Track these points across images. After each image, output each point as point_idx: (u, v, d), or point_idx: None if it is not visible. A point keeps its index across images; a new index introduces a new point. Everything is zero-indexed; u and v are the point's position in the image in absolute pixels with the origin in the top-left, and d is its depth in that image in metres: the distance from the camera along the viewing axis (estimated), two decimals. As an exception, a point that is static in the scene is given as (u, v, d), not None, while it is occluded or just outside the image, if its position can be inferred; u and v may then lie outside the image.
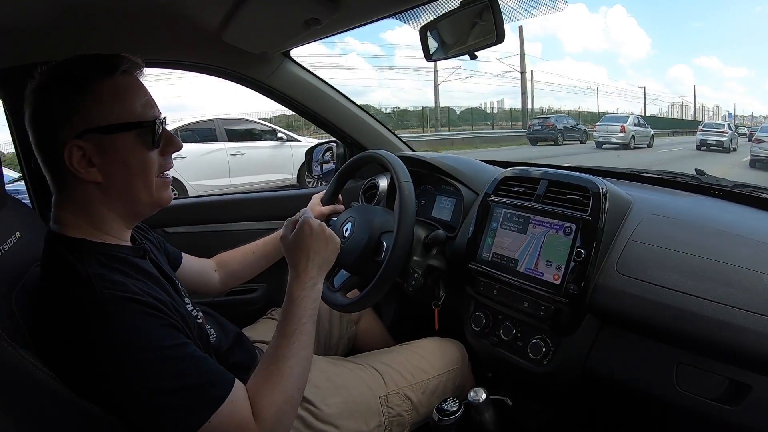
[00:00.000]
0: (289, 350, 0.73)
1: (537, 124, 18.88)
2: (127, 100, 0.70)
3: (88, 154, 0.67)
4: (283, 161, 7.42)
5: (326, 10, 1.00)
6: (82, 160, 0.67)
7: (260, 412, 0.67)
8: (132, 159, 0.70)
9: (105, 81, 0.68)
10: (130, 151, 0.70)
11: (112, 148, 0.68)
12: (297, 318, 0.76)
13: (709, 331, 0.73)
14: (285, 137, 7.61)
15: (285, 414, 0.70)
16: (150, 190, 0.73)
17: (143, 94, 0.72)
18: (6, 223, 0.82)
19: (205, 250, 1.17)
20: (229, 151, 7.02)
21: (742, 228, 0.89)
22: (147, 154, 0.71)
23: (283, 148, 7.49)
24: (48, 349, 0.63)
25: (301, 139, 8.03)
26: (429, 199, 1.34)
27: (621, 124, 15.93)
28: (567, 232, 0.92)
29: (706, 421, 0.77)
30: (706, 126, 17.36)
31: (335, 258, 0.88)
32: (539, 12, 1.45)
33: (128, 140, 0.69)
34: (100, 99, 0.68)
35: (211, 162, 6.75)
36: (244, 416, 0.66)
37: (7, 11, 0.94)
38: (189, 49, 1.32)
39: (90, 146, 0.67)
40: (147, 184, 0.72)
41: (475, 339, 1.07)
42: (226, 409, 0.64)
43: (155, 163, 0.72)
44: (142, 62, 0.73)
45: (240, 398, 0.66)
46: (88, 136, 0.67)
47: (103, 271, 0.64)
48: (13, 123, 1.18)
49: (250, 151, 7.22)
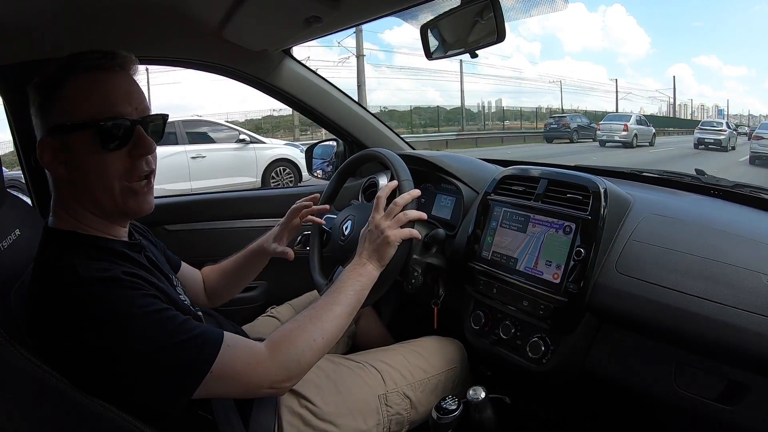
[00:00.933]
0: (324, 303, 0.79)
1: (553, 123, 19.80)
2: (90, 99, 0.67)
3: (56, 151, 0.67)
4: (246, 164, 7.28)
5: (327, 8, 1.00)
6: (53, 158, 0.68)
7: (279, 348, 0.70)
8: (88, 160, 0.67)
9: (75, 78, 0.67)
10: (85, 152, 0.67)
11: (73, 148, 0.67)
12: (342, 282, 0.83)
13: (709, 331, 0.73)
14: (248, 139, 7.46)
15: (303, 355, 0.72)
16: (111, 196, 0.69)
17: (113, 91, 0.68)
18: (5, 221, 0.82)
19: (206, 247, 1.17)
20: (189, 153, 6.83)
21: (742, 228, 0.89)
22: (102, 156, 0.67)
23: (246, 150, 7.33)
24: (42, 341, 0.63)
25: (266, 141, 7.93)
26: (429, 198, 1.34)
27: (624, 123, 16.29)
28: (567, 231, 0.92)
29: (704, 421, 0.77)
30: (704, 124, 17.14)
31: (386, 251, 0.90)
32: (540, 11, 1.45)
33: (85, 140, 0.67)
34: (71, 96, 0.67)
35: (171, 165, 6.54)
36: (248, 355, 0.68)
37: (8, 8, 0.93)
38: (190, 46, 1.32)
39: (57, 144, 0.67)
40: (106, 188, 0.69)
41: (475, 337, 1.07)
42: (225, 356, 0.65)
43: (113, 166, 0.68)
44: (135, 58, 0.72)
45: (236, 341, 0.68)
46: (56, 134, 0.67)
47: (90, 261, 0.65)
48: (13, 120, 1.18)
49: (212, 153, 7.06)
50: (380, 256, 0.88)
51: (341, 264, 1.08)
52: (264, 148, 7.57)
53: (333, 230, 1.17)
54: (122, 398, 0.62)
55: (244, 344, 0.70)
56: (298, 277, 1.10)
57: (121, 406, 0.61)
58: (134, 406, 0.62)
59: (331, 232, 1.18)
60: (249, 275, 1.12)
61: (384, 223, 0.89)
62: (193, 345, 0.64)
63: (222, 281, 1.10)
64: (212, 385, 0.64)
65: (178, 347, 0.62)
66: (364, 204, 1.24)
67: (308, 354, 0.73)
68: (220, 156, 7.17)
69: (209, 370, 0.63)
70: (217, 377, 0.64)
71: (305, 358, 0.73)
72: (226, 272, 1.11)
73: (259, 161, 7.38)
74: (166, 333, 0.62)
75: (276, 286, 1.53)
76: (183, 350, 0.63)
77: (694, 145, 15.67)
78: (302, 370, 0.73)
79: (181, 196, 1.71)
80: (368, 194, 1.38)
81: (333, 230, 1.17)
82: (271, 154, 7.60)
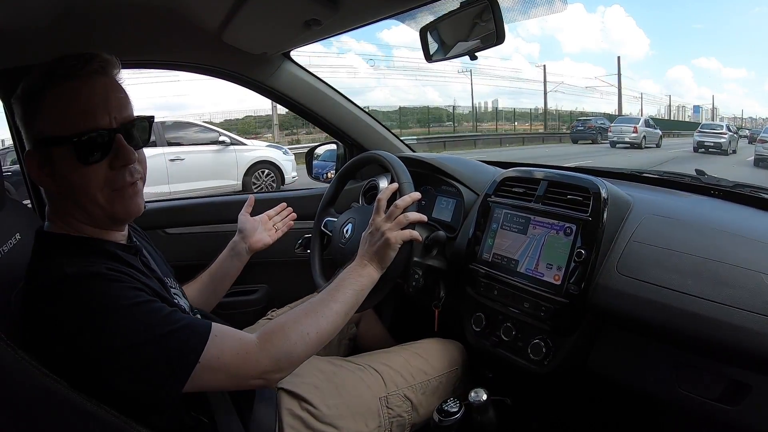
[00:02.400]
0: (321, 299, 0.79)
1: (579, 125, 21.39)
2: (66, 110, 0.66)
3: (40, 164, 0.68)
4: (226, 167, 7.13)
5: (326, 11, 1.00)
6: (39, 171, 0.68)
7: (270, 338, 0.70)
8: (70, 174, 0.67)
9: (53, 88, 0.66)
10: (66, 166, 0.66)
11: (53, 161, 0.67)
12: (342, 280, 0.84)
13: (709, 331, 0.73)
14: (228, 140, 7.29)
15: (294, 348, 0.71)
16: (97, 204, 0.69)
17: (88, 100, 0.66)
18: (6, 225, 0.82)
19: (206, 251, 1.17)
20: (167, 156, 6.65)
21: (742, 228, 0.89)
22: (83, 170, 0.66)
23: (226, 153, 7.16)
24: (34, 338, 0.63)
25: (246, 143, 7.74)
26: (429, 200, 1.34)
27: (633, 126, 16.85)
28: (567, 232, 0.92)
29: (706, 421, 0.77)
30: (703, 127, 17.03)
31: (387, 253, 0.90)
32: (538, 12, 1.45)
33: (64, 154, 0.66)
34: (50, 107, 0.66)
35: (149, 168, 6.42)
36: (238, 345, 0.67)
37: (7, 12, 0.94)
38: (189, 50, 1.32)
39: (40, 157, 0.67)
40: (91, 199, 0.68)
41: (476, 339, 1.07)
42: (213, 346, 0.64)
43: (96, 178, 0.68)
44: (116, 60, 0.70)
45: (225, 332, 0.68)
46: (39, 147, 0.68)
47: (76, 258, 0.65)
48: (13, 125, 1.18)
49: (191, 156, 6.87)
50: (381, 258, 0.88)
51: (342, 266, 1.08)
52: (244, 150, 7.38)
53: (334, 233, 1.18)
54: (114, 394, 0.61)
55: (232, 334, 0.69)
56: (299, 280, 1.11)
57: (116, 406, 0.61)
58: (128, 405, 0.62)
59: (332, 234, 1.18)
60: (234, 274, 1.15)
61: (385, 225, 0.89)
62: (180, 336, 0.63)
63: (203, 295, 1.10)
64: (202, 377, 0.64)
65: (164, 338, 0.62)
66: (364, 207, 1.24)
67: (300, 347, 0.72)
68: (199, 158, 6.96)
69: (198, 361, 0.63)
70: (206, 368, 0.64)
71: (297, 351, 0.72)
72: (204, 285, 1.11)
73: (239, 163, 7.21)
74: (152, 324, 0.62)
75: (277, 289, 1.53)
76: (170, 341, 0.62)
77: (694, 148, 15.60)
78: (292, 363, 0.72)
79: (182, 199, 1.70)
80: (369, 197, 1.38)
81: (334, 233, 1.18)
82: (251, 156, 7.42)
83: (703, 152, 15.08)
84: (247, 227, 1.16)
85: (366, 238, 0.91)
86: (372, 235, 0.90)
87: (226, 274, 1.13)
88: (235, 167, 7.20)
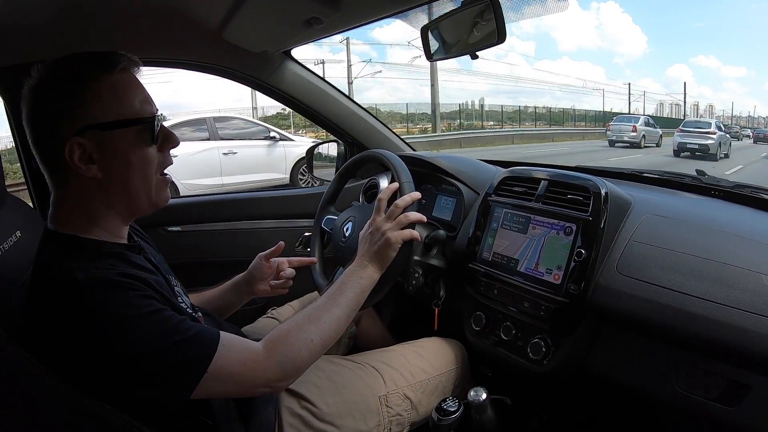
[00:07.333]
0: (323, 304, 0.80)
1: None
2: (126, 97, 0.70)
3: (88, 151, 0.67)
4: (276, 160, 7.40)
5: (327, 9, 1.00)
6: (83, 157, 0.67)
7: (275, 347, 0.71)
8: (132, 155, 0.70)
9: (104, 78, 0.68)
10: (130, 147, 0.70)
11: (112, 145, 0.68)
12: (342, 283, 0.84)
13: (709, 332, 0.73)
14: (278, 136, 7.59)
15: (299, 355, 0.72)
16: (149, 189, 0.73)
17: (141, 91, 0.72)
18: (6, 223, 0.82)
19: (211, 249, 1.17)
20: (221, 150, 6.97)
21: (742, 228, 0.89)
22: (146, 150, 0.71)
23: (275, 147, 7.45)
24: (41, 343, 0.62)
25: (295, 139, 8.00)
26: (430, 199, 1.34)
27: (633, 124, 16.37)
28: (567, 232, 0.92)
29: (705, 422, 0.77)
30: (687, 125, 13.72)
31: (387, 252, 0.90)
32: (539, 11, 1.45)
33: (128, 137, 0.69)
34: (99, 96, 0.68)
35: (203, 161, 6.70)
36: (245, 355, 0.68)
37: (7, 10, 0.93)
38: (189, 48, 1.31)
39: (90, 143, 0.67)
40: (146, 182, 0.72)
41: (476, 338, 1.07)
42: (221, 356, 0.65)
43: (154, 160, 0.73)
44: (139, 60, 0.73)
45: (232, 341, 0.69)
46: (89, 133, 0.67)
47: (87, 263, 0.64)
48: (14, 122, 1.18)
49: (243, 150, 7.18)
50: (381, 258, 0.88)
51: (342, 265, 1.08)
52: (292, 146, 7.61)
53: (334, 231, 1.18)
54: (120, 400, 0.61)
55: (240, 344, 0.70)
56: (298, 278, 1.10)
57: (121, 408, 0.61)
58: (134, 408, 0.62)
59: (332, 233, 1.18)
60: (231, 308, 1.09)
61: (385, 225, 0.89)
62: (189, 346, 0.64)
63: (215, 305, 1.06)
64: (209, 385, 0.64)
65: (174, 348, 0.62)
66: (365, 205, 1.24)
67: (305, 354, 0.73)
68: (250, 152, 7.26)
69: (206, 371, 0.63)
70: (214, 377, 0.64)
71: (302, 358, 0.73)
72: (208, 303, 1.06)
73: (288, 158, 7.46)
74: (162, 334, 0.62)
75: None
76: (179, 351, 0.63)
77: (675, 152, 12.85)
78: (298, 370, 0.73)
79: (187, 197, 1.71)
80: (369, 195, 1.38)
81: (334, 231, 1.18)
82: (298, 152, 7.57)
83: (686, 156, 12.42)
84: (256, 273, 1.08)
85: (366, 238, 0.91)
86: (372, 235, 0.90)
87: (225, 307, 1.08)
88: (284, 161, 7.43)
